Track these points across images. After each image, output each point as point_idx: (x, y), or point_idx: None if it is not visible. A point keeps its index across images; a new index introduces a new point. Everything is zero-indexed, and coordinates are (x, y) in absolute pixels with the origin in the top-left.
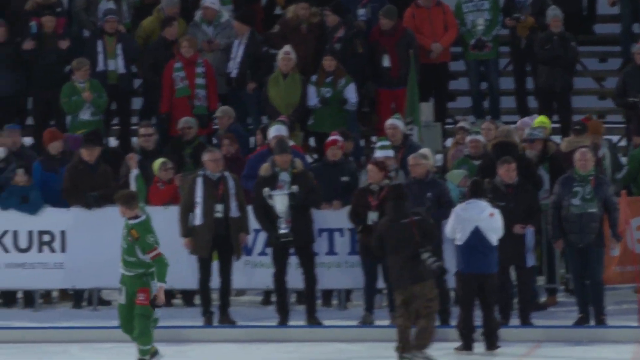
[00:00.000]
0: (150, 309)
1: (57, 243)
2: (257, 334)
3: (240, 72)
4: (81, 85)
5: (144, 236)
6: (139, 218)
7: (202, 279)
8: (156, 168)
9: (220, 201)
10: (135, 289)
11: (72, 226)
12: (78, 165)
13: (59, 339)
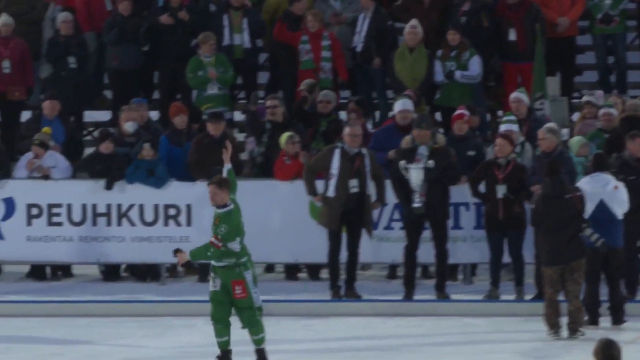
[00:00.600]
0: (250, 300)
1: (183, 217)
2: (382, 308)
3: (365, 46)
4: (207, 60)
5: (221, 224)
6: (227, 207)
7: (331, 252)
8: (283, 142)
9: (354, 176)
10: (228, 280)
11: (198, 200)
12: (204, 139)
13: (184, 313)
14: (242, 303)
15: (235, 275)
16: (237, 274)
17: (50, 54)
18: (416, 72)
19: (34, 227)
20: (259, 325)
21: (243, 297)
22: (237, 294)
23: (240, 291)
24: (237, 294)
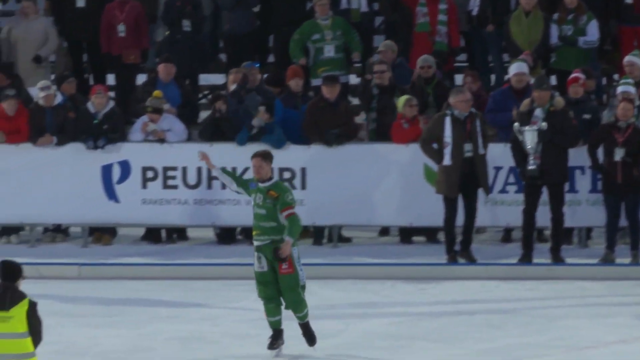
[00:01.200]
0: (295, 277)
1: (298, 180)
2: (497, 272)
3: (480, 9)
4: (323, 23)
5: (283, 194)
6: (272, 180)
7: (448, 217)
8: (401, 105)
9: (468, 140)
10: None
11: (313, 163)
12: (319, 102)
13: None
14: (287, 280)
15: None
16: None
17: (165, 17)
18: (532, 35)
19: (149, 190)
20: (303, 304)
21: (289, 273)
22: (283, 270)
23: (286, 267)
24: (283, 269)
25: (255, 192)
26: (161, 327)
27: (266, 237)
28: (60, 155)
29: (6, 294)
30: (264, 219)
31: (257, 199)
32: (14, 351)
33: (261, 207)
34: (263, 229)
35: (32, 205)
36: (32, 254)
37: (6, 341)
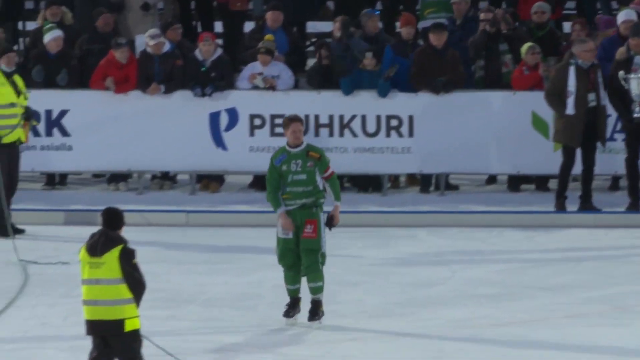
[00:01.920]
0: (317, 242)
1: (405, 128)
2: (605, 220)
3: None
4: None
5: (323, 153)
6: (304, 143)
7: (565, 166)
8: (524, 51)
9: (591, 90)
10: (303, 220)
11: (420, 111)
12: (426, 50)
13: (406, 223)
14: (309, 244)
15: (311, 215)
16: (313, 213)
17: None
18: None
19: (256, 137)
20: (319, 273)
21: (312, 237)
22: (306, 233)
23: (310, 230)
24: (306, 232)
25: (288, 161)
26: (268, 274)
27: (297, 202)
28: (169, 103)
29: (99, 241)
30: (303, 184)
31: (294, 166)
32: (108, 297)
33: (301, 173)
34: (296, 194)
35: (141, 152)
36: (140, 201)
37: (100, 287)
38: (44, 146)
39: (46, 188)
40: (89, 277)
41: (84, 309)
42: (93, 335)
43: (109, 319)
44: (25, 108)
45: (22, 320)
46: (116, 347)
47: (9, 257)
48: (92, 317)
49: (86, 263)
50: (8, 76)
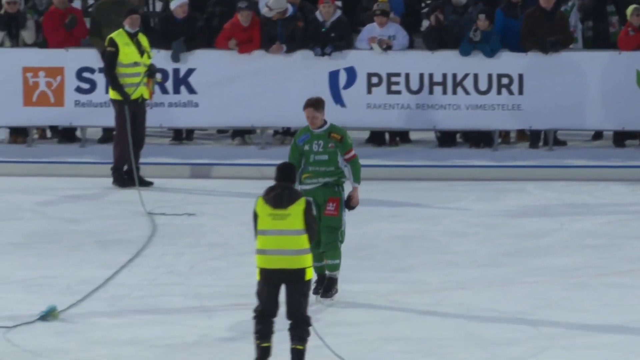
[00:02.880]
0: (338, 220)
1: (515, 86)
2: None
3: None
4: None
5: (345, 135)
6: (327, 123)
7: None
8: (629, 13)
9: None
10: (325, 198)
11: (530, 70)
12: (535, 11)
13: (515, 177)
14: (330, 221)
15: (334, 193)
16: (335, 192)
17: None
18: None
19: (373, 95)
20: (338, 251)
21: (333, 215)
22: (328, 210)
23: (332, 208)
24: (328, 209)
25: (310, 141)
26: (384, 225)
27: (318, 180)
28: (290, 63)
29: (284, 194)
30: (325, 164)
31: (316, 146)
32: (292, 247)
33: (322, 153)
34: (317, 173)
35: (263, 109)
36: (262, 155)
37: (285, 237)
38: (171, 103)
39: (173, 143)
40: (271, 228)
41: (262, 258)
42: (272, 283)
43: (292, 268)
44: (149, 66)
45: (150, 269)
46: (291, 295)
47: (138, 208)
48: (273, 266)
49: (267, 215)
50: (132, 36)
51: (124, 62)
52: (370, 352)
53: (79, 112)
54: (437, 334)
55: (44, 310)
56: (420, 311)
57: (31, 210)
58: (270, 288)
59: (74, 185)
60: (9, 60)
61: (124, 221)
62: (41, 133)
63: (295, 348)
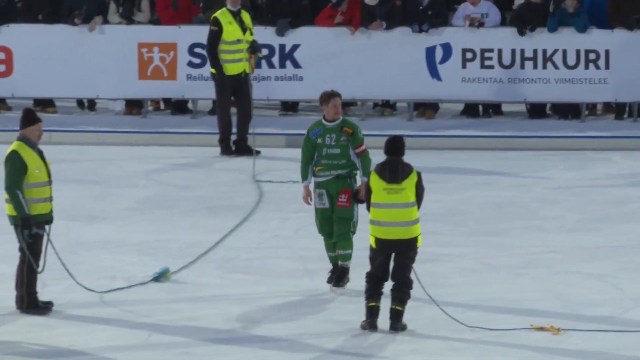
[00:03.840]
0: (350, 211)
1: (602, 61)
2: None
3: None
4: None
5: (356, 130)
6: (340, 118)
7: None
8: None
9: None
10: (338, 189)
11: (615, 46)
12: None
13: (602, 147)
14: (342, 212)
15: (347, 185)
16: (348, 184)
17: None
18: None
19: (468, 69)
20: (350, 241)
21: (345, 206)
22: (340, 202)
23: (344, 200)
24: (340, 201)
25: (323, 134)
26: (477, 193)
27: (331, 173)
28: (389, 39)
29: (398, 168)
30: (337, 158)
31: (328, 140)
32: (405, 219)
33: (334, 147)
34: (329, 166)
35: (363, 83)
36: (362, 126)
37: (399, 210)
38: (277, 77)
39: (281, 114)
40: (385, 201)
41: (377, 229)
42: (386, 252)
43: (405, 238)
44: (251, 42)
45: (258, 233)
46: (400, 260)
47: (246, 176)
48: (387, 237)
49: (382, 189)
50: (235, 15)
51: (227, 40)
52: (464, 313)
53: (191, 85)
54: (527, 296)
55: (157, 272)
56: (511, 274)
57: (145, 177)
58: (384, 255)
59: (186, 154)
60: (125, 37)
61: (232, 188)
62: (155, 105)
63: (394, 308)
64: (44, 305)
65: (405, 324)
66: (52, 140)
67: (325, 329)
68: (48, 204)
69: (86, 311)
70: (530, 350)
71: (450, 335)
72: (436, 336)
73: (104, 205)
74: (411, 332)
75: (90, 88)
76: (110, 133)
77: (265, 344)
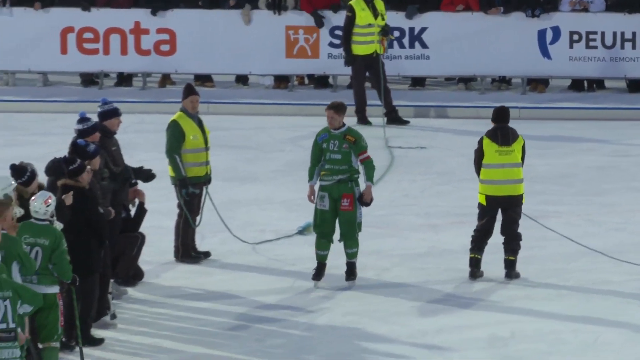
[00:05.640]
0: (354, 214)
1: None
2: None
3: None
4: None
5: (359, 138)
6: (344, 126)
7: None
8: None
9: None
10: (340, 194)
11: None
12: None
13: None
14: (347, 215)
15: (348, 189)
16: (349, 188)
17: None
18: None
19: (574, 49)
20: (355, 241)
21: (348, 210)
22: (343, 206)
23: (347, 204)
24: (344, 205)
25: (328, 140)
26: (582, 157)
27: (333, 178)
28: (506, 22)
29: (508, 133)
30: (339, 163)
31: (332, 146)
32: (514, 177)
33: (337, 153)
34: (333, 171)
35: (483, 60)
36: (481, 99)
37: (508, 169)
38: (407, 56)
39: (410, 88)
40: (496, 162)
41: (488, 187)
42: (495, 207)
43: (514, 195)
44: (383, 26)
45: (389, 192)
46: (508, 215)
47: (379, 143)
48: (497, 194)
49: (494, 151)
50: (367, 3)
51: (360, 24)
52: (568, 264)
53: (331, 63)
54: (625, 248)
55: (302, 226)
56: (612, 229)
57: (291, 143)
58: (493, 212)
59: (322, 123)
60: (274, 21)
61: None
62: (300, 80)
63: (508, 259)
64: (196, 255)
65: (519, 272)
66: (210, 110)
67: (447, 277)
68: (204, 167)
69: (239, 260)
70: (629, 297)
71: (557, 283)
72: (545, 284)
73: (255, 167)
74: (523, 280)
75: (244, 65)
76: (261, 105)
77: (395, 289)
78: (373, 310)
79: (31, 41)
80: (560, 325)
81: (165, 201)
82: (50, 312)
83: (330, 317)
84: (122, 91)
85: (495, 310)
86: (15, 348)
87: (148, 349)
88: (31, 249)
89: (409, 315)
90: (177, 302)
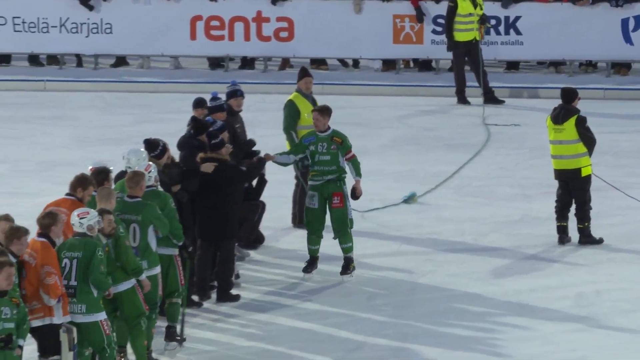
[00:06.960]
0: (345, 210)
1: None
2: None
3: None
4: None
5: (345, 139)
6: (330, 129)
7: None
8: None
9: None
10: (330, 192)
11: None
12: None
13: None
14: (338, 212)
15: (337, 188)
16: (338, 186)
17: None
18: None
19: None
20: (348, 236)
21: (339, 207)
22: (334, 204)
23: (337, 201)
24: (334, 203)
25: (316, 142)
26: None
27: (322, 178)
28: (592, 12)
29: (560, 113)
30: (328, 164)
31: (321, 148)
32: (568, 153)
33: (326, 154)
34: (322, 172)
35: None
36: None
37: (562, 146)
38: (502, 42)
39: (505, 71)
40: (554, 138)
41: (552, 161)
42: (561, 179)
43: (569, 168)
44: (481, 15)
45: (486, 165)
46: (573, 187)
47: (477, 120)
48: (557, 167)
49: (552, 129)
50: None
51: (461, 13)
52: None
53: (434, 48)
54: None
55: (407, 195)
56: None
57: (398, 121)
58: (561, 183)
59: (430, 102)
60: (382, 10)
61: (466, 130)
62: (406, 64)
63: (579, 227)
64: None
65: (595, 238)
66: (324, 91)
67: (538, 242)
68: None
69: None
70: None
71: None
72: (628, 249)
73: (365, 142)
74: (607, 245)
75: (355, 50)
76: (370, 86)
77: (491, 252)
78: (471, 272)
79: (164, 28)
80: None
81: (284, 173)
82: (169, 272)
83: (432, 278)
84: (245, 74)
85: (582, 272)
86: (74, 304)
87: (269, 305)
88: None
89: (503, 277)
90: (294, 264)
